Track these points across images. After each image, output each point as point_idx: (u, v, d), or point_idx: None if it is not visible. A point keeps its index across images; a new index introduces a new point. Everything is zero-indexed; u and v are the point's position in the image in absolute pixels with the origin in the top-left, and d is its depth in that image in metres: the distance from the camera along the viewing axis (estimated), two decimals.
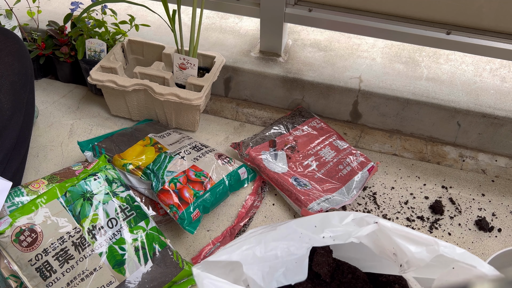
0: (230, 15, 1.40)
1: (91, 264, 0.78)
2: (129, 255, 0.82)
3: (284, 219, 1.00)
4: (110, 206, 0.84)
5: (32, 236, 0.76)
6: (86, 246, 0.79)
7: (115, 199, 0.86)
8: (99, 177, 0.88)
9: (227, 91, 1.29)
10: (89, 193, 0.84)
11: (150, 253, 0.84)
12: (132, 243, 0.83)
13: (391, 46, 1.28)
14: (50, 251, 0.76)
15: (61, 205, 0.81)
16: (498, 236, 0.98)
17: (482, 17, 1.01)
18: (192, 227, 0.90)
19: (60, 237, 0.78)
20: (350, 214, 0.69)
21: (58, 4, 1.46)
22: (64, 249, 0.77)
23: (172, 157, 0.99)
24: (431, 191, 1.07)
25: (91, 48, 1.20)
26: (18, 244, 0.75)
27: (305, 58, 1.24)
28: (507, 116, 1.09)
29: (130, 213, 0.86)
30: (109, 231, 0.82)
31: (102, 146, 1.02)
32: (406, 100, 1.13)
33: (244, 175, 1.04)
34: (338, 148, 1.10)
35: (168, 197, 0.92)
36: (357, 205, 1.03)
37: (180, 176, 0.95)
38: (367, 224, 0.67)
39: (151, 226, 0.88)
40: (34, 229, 0.77)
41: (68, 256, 0.77)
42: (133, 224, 0.85)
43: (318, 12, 1.12)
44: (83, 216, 0.81)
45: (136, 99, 1.15)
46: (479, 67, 1.21)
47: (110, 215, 0.84)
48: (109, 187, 0.87)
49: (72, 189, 0.84)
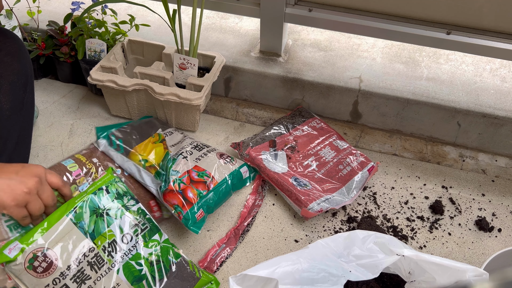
0: (230, 15, 1.40)
1: (108, 282, 0.75)
2: (146, 270, 0.79)
3: (284, 219, 1.00)
4: (123, 221, 0.81)
5: (47, 261, 0.73)
6: (104, 265, 0.76)
7: (128, 213, 0.83)
8: (110, 191, 0.83)
9: (227, 91, 1.29)
10: (101, 209, 0.80)
11: (166, 266, 0.81)
12: (148, 257, 0.81)
13: (391, 46, 1.28)
14: (67, 274, 0.73)
15: (71, 222, 0.77)
16: (498, 236, 0.98)
17: (482, 17, 1.01)
18: (196, 227, 0.90)
19: (75, 258, 0.75)
20: (371, 235, 0.72)
21: (58, 4, 1.46)
22: (81, 270, 0.74)
23: (175, 159, 0.99)
24: (431, 191, 1.07)
25: (91, 48, 1.20)
26: (33, 270, 0.72)
27: (305, 58, 1.24)
28: (507, 116, 1.09)
29: (144, 226, 0.83)
30: (124, 246, 0.79)
31: (119, 137, 0.99)
32: (406, 100, 1.13)
33: (246, 173, 1.04)
34: (338, 148, 1.10)
35: (173, 197, 0.92)
36: (357, 205, 1.03)
37: (183, 176, 0.95)
38: (390, 252, 0.71)
39: (164, 238, 0.85)
40: (48, 253, 0.73)
41: (85, 277, 0.74)
42: (147, 238, 0.82)
43: (318, 12, 1.13)
44: (97, 233, 0.77)
45: (136, 99, 1.15)
46: (479, 67, 1.21)
47: (125, 231, 0.80)
48: (120, 201, 0.83)
49: (82, 205, 0.79)
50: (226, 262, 0.93)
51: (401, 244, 0.73)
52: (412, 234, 0.98)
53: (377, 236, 0.73)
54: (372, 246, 0.72)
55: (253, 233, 0.98)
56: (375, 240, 0.73)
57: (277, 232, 0.98)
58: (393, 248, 0.72)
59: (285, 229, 0.99)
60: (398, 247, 0.72)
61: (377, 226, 0.97)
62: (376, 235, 0.74)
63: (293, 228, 0.99)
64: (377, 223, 1.00)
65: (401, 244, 0.73)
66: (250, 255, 0.94)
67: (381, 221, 1.00)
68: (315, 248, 0.72)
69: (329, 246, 0.73)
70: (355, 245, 0.73)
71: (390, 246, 0.72)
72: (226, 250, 0.94)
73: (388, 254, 0.71)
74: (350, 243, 0.73)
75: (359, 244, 0.73)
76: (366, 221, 0.98)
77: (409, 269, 0.72)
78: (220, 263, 0.92)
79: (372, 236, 0.73)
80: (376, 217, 1.01)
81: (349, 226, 0.99)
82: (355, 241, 0.73)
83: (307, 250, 0.72)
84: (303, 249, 0.73)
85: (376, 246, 0.72)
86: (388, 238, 0.73)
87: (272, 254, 0.94)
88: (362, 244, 0.72)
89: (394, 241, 0.73)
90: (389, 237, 0.74)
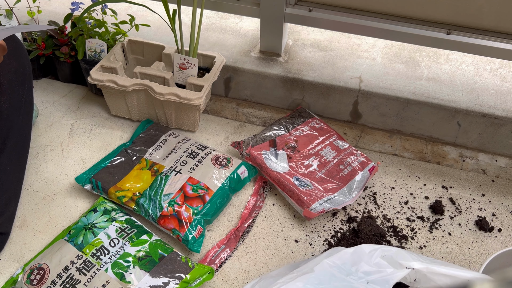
0: (230, 15, 1.40)
1: (99, 282, 0.82)
2: (135, 265, 0.84)
3: (284, 219, 1.00)
4: (110, 229, 0.90)
5: (40, 273, 0.84)
6: (92, 267, 0.84)
7: (114, 222, 0.92)
8: (98, 210, 0.95)
9: (227, 91, 1.29)
10: (90, 224, 0.92)
11: (156, 259, 0.85)
12: (135, 254, 0.86)
13: (391, 46, 1.28)
14: (57, 281, 0.83)
15: (65, 240, 0.89)
16: (498, 236, 0.98)
17: (482, 17, 1.01)
18: (197, 245, 0.91)
19: (64, 267, 0.84)
20: (377, 249, 0.72)
21: (58, 4, 1.46)
22: (70, 275, 0.83)
23: (168, 176, 0.99)
24: (431, 191, 1.07)
25: (91, 48, 1.20)
26: (30, 284, 0.83)
27: (305, 58, 1.24)
28: (507, 116, 1.09)
29: (130, 230, 0.90)
30: (111, 249, 0.86)
31: (98, 180, 1.00)
32: (406, 100, 1.13)
33: (244, 173, 1.03)
34: (338, 148, 1.10)
35: (169, 222, 0.92)
36: (357, 205, 1.03)
37: (177, 196, 0.95)
38: (399, 266, 0.71)
39: (155, 238, 0.90)
40: (42, 266, 0.85)
41: (75, 281, 0.82)
42: (134, 238, 0.89)
43: (318, 12, 1.12)
44: (86, 243, 0.88)
45: (136, 99, 1.15)
46: (479, 67, 1.21)
47: (112, 236, 0.89)
48: (107, 215, 0.93)
49: (75, 227, 0.92)
50: (226, 262, 0.93)
51: (409, 256, 0.72)
52: (412, 234, 0.98)
53: (384, 250, 0.73)
54: (379, 261, 0.71)
55: (253, 233, 0.98)
56: (382, 254, 0.72)
57: (277, 232, 0.98)
58: (401, 261, 0.71)
59: (285, 229, 0.99)
60: (406, 260, 0.71)
61: (377, 226, 0.97)
62: (383, 248, 0.73)
63: (293, 228, 0.99)
64: (377, 223, 1.00)
65: (408, 255, 0.72)
66: (250, 255, 0.94)
67: (381, 221, 1.00)
68: (322, 270, 0.71)
69: (336, 265, 0.71)
70: (363, 261, 0.71)
71: (398, 259, 0.71)
72: (226, 251, 0.94)
73: (397, 267, 0.70)
74: (357, 259, 0.72)
75: (366, 259, 0.71)
76: (366, 221, 0.98)
77: (415, 277, 0.72)
78: (219, 264, 0.92)
79: (379, 250, 0.72)
80: (376, 217, 1.01)
81: (349, 226, 0.99)
82: (362, 257, 0.72)
83: (313, 275, 0.70)
84: (308, 273, 0.71)
85: (384, 260, 0.71)
86: (395, 250, 0.73)
87: (272, 254, 0.94)
88: (369, 259, 0.71)
89: (401, 254, 0.72)
90: (396, 249, 0.73)
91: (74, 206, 1.02)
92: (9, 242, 0.95)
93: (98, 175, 1.01)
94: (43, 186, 1.06)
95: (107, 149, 1.14)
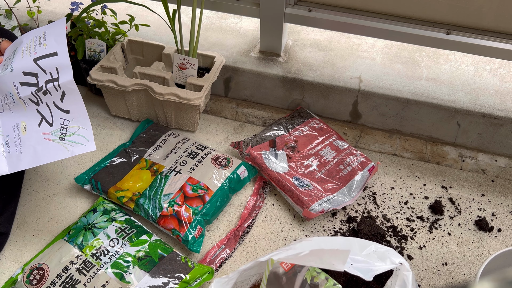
0: (230, 15, 1.40)
1: (98, 282, 0.82)
2: (134, 265, 0.84)
3: (284, 219, 1.00)
4: (110, 229, 0.90)
5: (40, 273, 0.84)
6: (92, 267, 0.84)
7: (114, 223, 0.92)
8: (97, 210, 0.95)
9: (227, 91, 1.29)
10: (90, 224, 0.92)
11: (155, 259, 0.85)
12: (135, 254, 0.86)
13: (391, 46, 1.28)
14: (57, 281, 0.83)
15: (64, 240, 0.89)
16: (498, 236, 0.98)
17: (482, 17, 1.01)
18: (197, 246, 0.91)
19: (64, 267, 0.84)
20: (371, 244, 0.72)
21: (58, 4, 1.46)
22: (69, 275, 0.83)
23: (168, 176, 0.99)
24: (431, 191, 1.07)
25: (91, 48, 1.20)
26: (30, 284, 0.83)
27: (305, 58, 1.24)
28: (507, 116, 1.09)
29: (130, 231, 0.90)
30: (111, 249, 0.86)
31: (98, 180, 1.00)
32: (406, 100, 1.13)
33: (244, 173, 1.04)
34: (338, 148, 1.10)
35: (169, 222, 0.92)
36: (357, 205, 1.03)
37: (177, 196, 0.95)
38: (390, 263, 0.70)
39: (155, 238, 0.90)
40: (41, 266, 0.85)
41: (74, 281, 0.82)
42: (134, 239, 0.89)
43: (318, 12, 1.12)
44: (85, 243, 0.88)
45: (136, 99, 1.15)
46: (479, 67, 1.21)
47: (111, 236, 0.89)
48: (107, 215, 0.94)
49: (75, 227, 0.92)
50: (225, 262, 0.93)
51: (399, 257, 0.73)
52: (412, 234, 0.98)
53: (377, 247, 0.73)
54: (370, 254, 0.72)
55: (253, 233, 0.98)
56: (375, 249, 0.72)
57: (277, 232, 0.98)
58: (392, 257, 0.71)
59: (285, 229, 0.99)
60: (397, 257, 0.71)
61: (377, 226, 0.97)
62: (376, 245, 0.73)
63: (292, 228, 0.99)
64: (377, 223, 1.00)
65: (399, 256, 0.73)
66: (250, 255, 0.94)
67: (381, 221, 1.00)
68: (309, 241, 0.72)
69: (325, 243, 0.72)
70: (353, 249, 0.72)
71: (390, 256, 0.71)
72: (226, 251, 0.94)
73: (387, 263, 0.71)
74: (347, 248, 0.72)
75: (356, 249, 0.72)
76: (366, 221, 0.98)
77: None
78: (219, 264, 0.92)
79: (372, 246, 0.73)
80: (376, 217, 1.01)
81: (349, 226, 0.99)
82: (352, 245, 0.72)
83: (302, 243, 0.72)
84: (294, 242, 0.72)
85: (375, 255, 0.72)
86: (388, 249, 0.73)
87: None
88: (359, 251, 0.72)
89: (393, 252, 0.72)
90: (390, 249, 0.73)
91: (74, 206, 1.02)
92: (9, 242, 0.95)
93: (97, 175, 1.01)
94: (43, 186, 1.06)
95: (106, 149, 1.14)
